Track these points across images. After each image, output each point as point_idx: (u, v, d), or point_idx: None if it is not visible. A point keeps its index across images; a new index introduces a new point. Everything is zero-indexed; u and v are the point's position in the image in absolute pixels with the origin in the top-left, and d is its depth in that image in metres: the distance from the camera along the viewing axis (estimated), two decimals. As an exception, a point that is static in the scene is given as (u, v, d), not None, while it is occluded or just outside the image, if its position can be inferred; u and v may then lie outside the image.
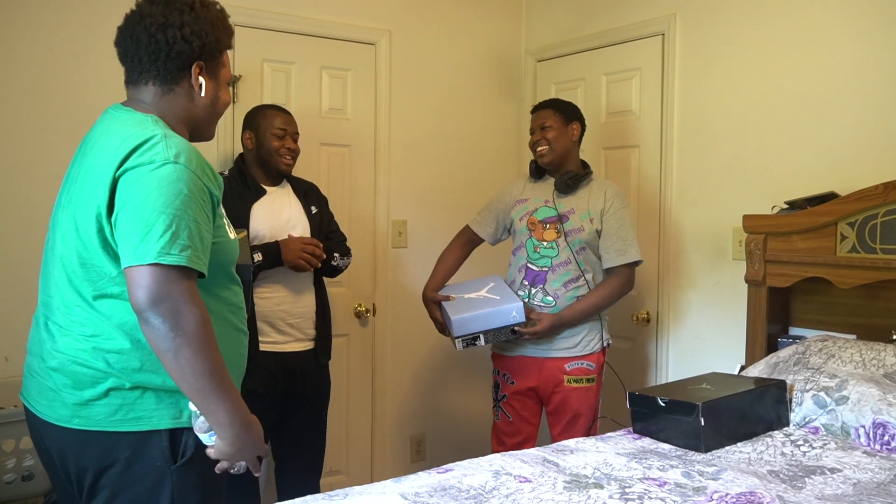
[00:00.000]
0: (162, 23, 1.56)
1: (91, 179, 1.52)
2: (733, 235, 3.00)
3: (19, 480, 2.39)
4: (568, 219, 2.81)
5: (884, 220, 2.36)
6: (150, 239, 1.42)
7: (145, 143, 1.49)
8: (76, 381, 1.54)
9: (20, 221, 2.74)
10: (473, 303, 2.80)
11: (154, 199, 1.44)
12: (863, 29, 2.63)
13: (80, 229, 1.52)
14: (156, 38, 1.56)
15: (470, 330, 2.73)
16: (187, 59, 1.60)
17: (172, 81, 1.61)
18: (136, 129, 1.52)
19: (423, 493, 1.66)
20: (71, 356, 1.55)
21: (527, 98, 3.94)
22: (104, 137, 1.56)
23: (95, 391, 1.54)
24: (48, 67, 2.79)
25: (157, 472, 1.58)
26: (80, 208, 1.53)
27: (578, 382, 2.80)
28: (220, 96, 1.70)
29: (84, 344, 1.54)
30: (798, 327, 2.77)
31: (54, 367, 1.57)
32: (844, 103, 2.68)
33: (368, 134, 3.52)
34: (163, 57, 1.58)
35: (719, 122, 3.07)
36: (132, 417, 1.55)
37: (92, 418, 1.55)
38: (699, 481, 1.75)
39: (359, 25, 3.46)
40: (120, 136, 1.51)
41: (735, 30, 3.01)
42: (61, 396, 1.56)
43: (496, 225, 3.01)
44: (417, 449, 3.75)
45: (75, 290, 1.55)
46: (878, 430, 2.00)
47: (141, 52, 1.58)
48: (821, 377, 2.20)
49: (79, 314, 1.55)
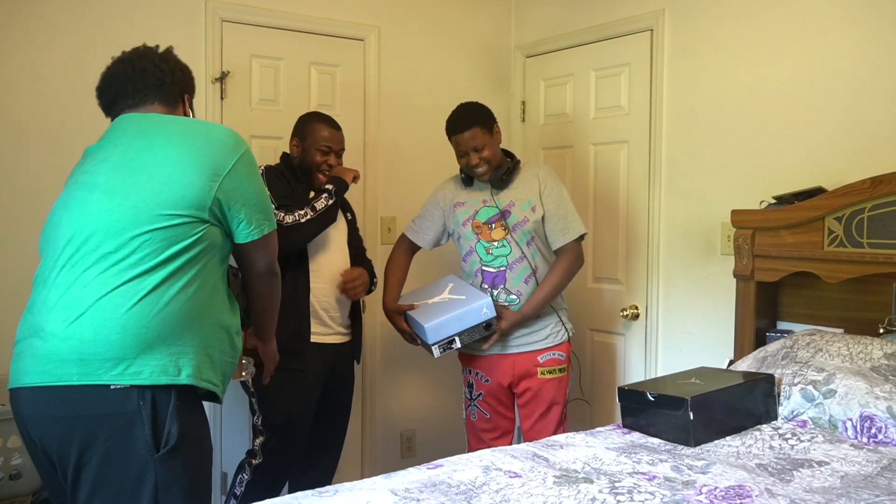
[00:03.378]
0: (163, 58, 1.92)
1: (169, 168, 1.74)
2: (722, 230, 3.01)
3: (7, 479, 2.38)
4: (510, 213, 2.79)
5: (871, 215, 2.37)
6: (267, 213, 1.91)
7: (231, 140, 1.83)
8: (106, 343, 1.62)
9: (20, 220, 2.73)
10: (440, 307, 2.76)
11: (258, 184, 1.90)
12: (850, 24, 2.64)
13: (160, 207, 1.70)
14: (161, 67, 1.88)
15: (445, 335, 2.69)
16: (181, 90, 1.93)
17: (173, 105, 1.90)
18: (210, 123, 1.93)
19: (413, 488, 1.66)
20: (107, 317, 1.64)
21: (516, 93, 3.94)
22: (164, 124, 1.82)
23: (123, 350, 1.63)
24: (48, 68, 2.77)
25: (140, 461, 1.60)
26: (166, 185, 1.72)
27: (552, 373, 2.82)
28: None
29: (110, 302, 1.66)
30: (786, 321, 2.78)
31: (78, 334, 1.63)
32: (832, 98, 2.69)
33: (357, 130, 3.51)
34: (168, 81, 1.88)
35: (708, 117, 3.08)
36: (132, 372, 1.63)
37: (124, 376, 1.62)
38: (688, 475, 1.76)
39: (347, 21, 3.45)
40: (205, 128, 1.86)
41: (723, 25, 3.02)
42: (76, 354, 1.61)
43: (435, 231, 2.96)
44: (408, 445, 3.75)
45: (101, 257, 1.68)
46: (865, 423, 2.01)
47: (147, 80, 1.86)
48: (808, 371, 2.21)
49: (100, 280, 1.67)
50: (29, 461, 2.40)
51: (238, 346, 1.89)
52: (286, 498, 1.62)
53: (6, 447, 2.37)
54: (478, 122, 2.79)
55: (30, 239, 2.81)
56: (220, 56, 3.11)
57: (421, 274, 3.51)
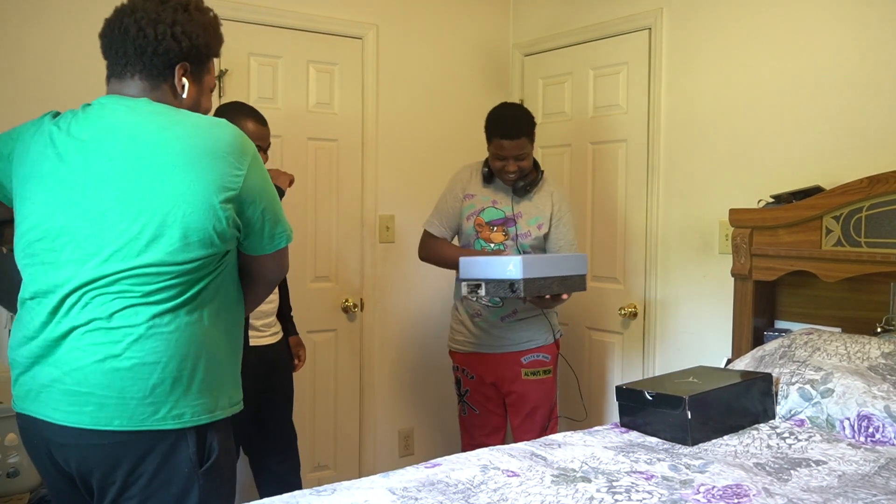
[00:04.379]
0: (154, 18, 1.54)
1: (169, 186, 1.47)
2: (720, 229, 3.01)
3: (4, 477, 2.37)
4: (516, 223, 2.79)
5: (868, 214, 2.38)
6: (284, 220, 1.66)
7: (239, 142, 1.55)
8: (118, 381, 1.48)
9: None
10: (482, 253, 2.76)
11: (270, 189, 1.63)
12: (848, 24, 2.65)
13: (163, 231, 1.48)
14: (145, 31, 1.53)
15: (472, 275, 2.60)
16: (174, 58, 1.56)
17: (159, 77, 1.57)
18: (206, 123, 1.54)
19: (412, 487, 1.66)
20: (107, 353, 1.49)
21: (514, 92, 3.94)
22: (159, 137, 1.49)
23: (143, 388, 1.49)
24: (48, 66, 2.77)
25: (184, 477, 1.54)
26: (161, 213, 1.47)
27: (536, 375, 2.83)
28: (202, 102, 1.66)
29: (116, 337, 1.49)
30: (784, 321, 2.79)
31: (81, 368, 1.49)
32: (830, 98, 2.69)
33: (356, 128, 3.51)
34: (149, 52, 1.54)
35: (706, 116, 3.08)
36: (175, 414, 1.51)
37: (136, 418, 1.49)
38: (686, 474, 1.76)
39: (346, 19, 3.45)
40: (207, 135, 1.51)
41: (721, 24, 3.02)
42: (99, 399, 1.48)
43: (452, 223, 2.92)
44: (405, 444, 3.75)
45: (116, 287, 1.49)
46: (862, 423, 2.02)
47: (127, 45, 1.55)
48: (806, 370, 2.22)
49: (116, 309, 1.49)
50: (27, 459, 2.40)
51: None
52: (284, 496, 1.62)
53: (3, 445, 2.37)
54: (527, 131, 2.75)
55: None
56: (218, 54, 3.11)
57: (423, 275, 3.51)
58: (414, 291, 3.71)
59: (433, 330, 3.76)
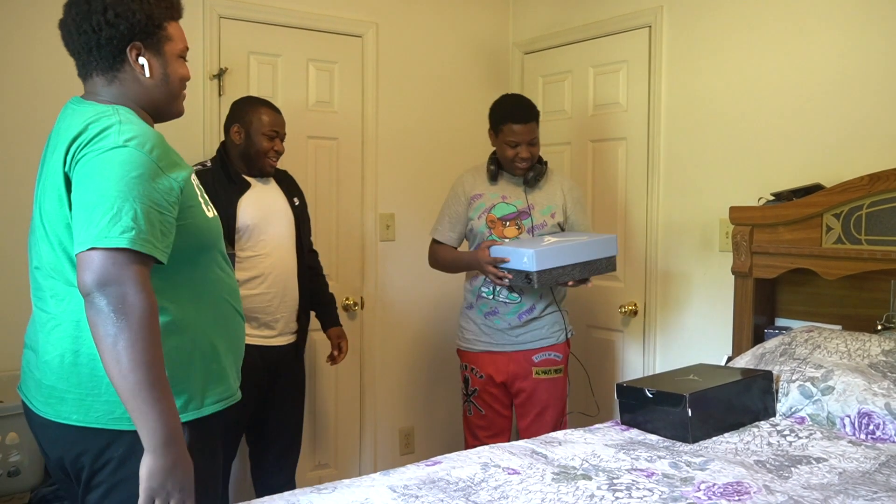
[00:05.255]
0: (86, 11, 1.51)
1: (52, 176, 1.50)
2: (720, 227, 3.01)
3: (5, 476, 2.38)
4: (528, 215, 2.79)
5: (869, 212, 2.38)
6: (91, 224, 1.36)
7: (99, 133, 1.44)
8: (75, 374, 1.49)
9: (20, 219, 2.73)
10: (525, 240, 2.73)
11: (97, 184, 1.39)
12: (848, 22, 2.64)
13: (55, 237, 1.51)
14: (83, 27, 1.51)
15: (501, 265, 2.64)
16: (119, 43, 1.53)
17: (113, 68, 1.55)
18: (86, 122, 1.47)
19: (412, 485, 1.66)
20: (68, 347, 1.50)
21: (514, 90, 3.93)
22: (64, 133, 1.50)
23: (97, 384, 1.48)
24: (39, 63, 2.76)
25: None
26: (47, 204, 1.51)
27: (547, 374, 2.81)
28: (171, 73, 1.60)
29: (82, 331, 1.47)
30: (784, 318, 2.79)
31: (48, 362, 1.52)
32: (830, 95, 2.69)
33: (356, 127, 3.50)
34: (94, 46, 1.52)
35: (706, 114, 3.08)
36: (127, 416, 1.44)
37: (90, 415, 1.49)
38: (687, 472, 1.76)
39: (345, 18, 3.44)
40: (68, 134, 1.47)
41: (721, 22, 3.01)
42: (57, 392, 1.51)
43: (461, 227, 2.89)
44: (406, 442, 3.75)
45: (65, 282, 1.51)
46: (863, 420, 2.02)
47: (77, 45, 1.54)
48: (807, 368, 2.22)
49: (73, 302, 1.49)
50: (27, 458, 2.40)
51: (242, 319, 1.75)
52: (285, 494, 1.62)
53: (4, 444, 2.37)
54: (535, 116, 2.80)
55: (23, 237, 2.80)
56: (217, 53, 3.11)
57: (423, 273, 3.51)
58: (414, 290, 3.71)
59: (434, 328, 3.77)
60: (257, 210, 2.69)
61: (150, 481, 1.37)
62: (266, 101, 2.79)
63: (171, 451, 1.37)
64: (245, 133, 2.69)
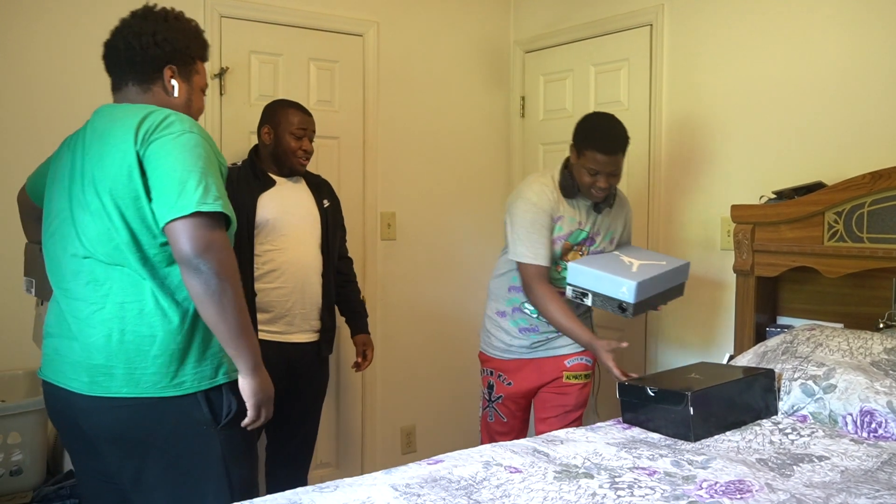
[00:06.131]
0: (137, 31, 1.76)
1: (112, 165, 1.65)
2: (721, 225, 3.01)
3: (7, 475, 2.38)
4: (594, 241, 2.70)
5: (870, 210, 2.37)
6: (186, 193, 1.57)
7: (163, 120, 1.65)
8: (123, 351, 1.65)
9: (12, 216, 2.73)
10: (601, 259, 2.61)
11: (182, 161, 1.60)
12: (849, 20, 2.64)
13: (116, 210, 1.64)
14: (131, 43, 1.75)
15: (581, 283, 2.53)
16: (159, 62, 1.77)
17: (149, 81, 1.77)
18: (147, 111, 1.67)
19: (414, 484, 1.66)
20: (114, 327, 1.66)
21: (515, 89, 3.93)
22: (111, 128, 1.69)
23: (144, 357, 1.65)
24: (45, 68, 2.77)
25: (203, 436, 1.70)
26: (110, 192, 1.64)
27: (577, 379, 2.76)
28: (194, 100, 1.85)
29: (126, 312, 1.66)
30: (786, 316, 2.78)
31: (93, 343, 1.66)
32: (832, 93, 2.69)
33: (357, 126, 3.50)
34: (138, 60, 1.76)
35: (707, 112, 3.08)
36: (176, 383, 1.67)
37: (140, 385, 1.65)
38: (689, 470, 1.76)
39: (346, 17, 3.44)
40: (132, 120, 1.65)
41: (723, 20, 3.01)
42: (105, 369, 1.65)
43: (551, 243, 2.63)
44: (408, 441, 3.75)
45: (110, 265, 1.67)
46: (865, 418, 2.01)
47: (120, 58, 1.77)
48: (808, 366, 2.21)
49: (115, 286, 1.67)
50: (29, 457, 2.40)
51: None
52: (287, 493, 1.62)
53: (6, 443, 2.37)
54: (624, 147, 2.54)
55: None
56: (218, 52, 3.11)
57: (425, 272, 3.51)
58: (415, 289, 3.71)
59: (435, 327, 3.77)
60: (278, 205, 2.72)
61: (255, 396, 1.69)
62: (295, 103, 2.84)
63: (261, 372, 1.71)
64: (274, 133, 2.76)
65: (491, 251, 3.93)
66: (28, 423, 2.39)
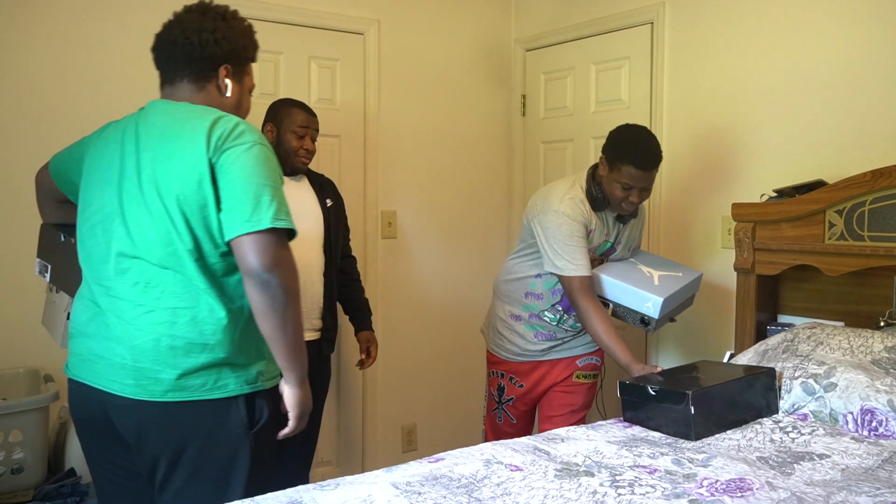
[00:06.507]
0: (197, 27, 1.74)
1: (181, 170, 1.63)
2: (722, 224, 3.01)
3: (9, 473, 2.38)
4: (615, 250, 2.70)
5: (871, 208, 2.37)
6: (260, 208, 1.59)
7: (234, 129, 1.65)
8: (172, 356, 1.64)
9: (20, 219, 2.73)
10: (620, 268, 2.61)
11: (256, 174, 1.62)
12: (851, 18, 2.64)
13: (181, 216, 1.63)
14: (191, 39, 1.73)
15: (602, 293, 2.55)
16: (217, 61, 1.76)
17: (204, 79, 1.76)
18: (214, 116, 1.67)
19: (415, 482, 1.66)
20: (164, 332, 1.64)
21: (516, 87, 3.93)
22: (177, 129, 1.67)
23: (193, 363, 1.65)
24: (37, 59, 2.77)
25: (236, 439, 1.71)
26: (177, 198, 1.63)
27: (587, 378, 2.76)
28: (244, 100, 1.85)
29: (178, 318, 1.65)
30: (787, 315, 2.78)
31: (139, 346, 1.65)
32: (833, 91, 2.69)
33: (357, 124, 3.50)
34: (196, 56, 1.73)
35: (708, 110, 3.08)
36: (220, 385, 1.68)
37: (186, 390, 1.66)
38: (689, 468, 1.76)
39: (347, 15, 3.44)
40: (201, 125, 1.65)
41: (724, 18, 3.01)
42: (152, 373, 1.64)
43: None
44: (409, 439, 3.76)
45: (163, 269, 1.65)
46: (865, 417, 2.01)
47: (176, 53, 1.74)
48: (809, 364, 2.21)
49: (167, 291, 1.65)
50: (30, 455, 2.40)
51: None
52: (288, 491, 1.62)
53: (7, 441, 2.37)
54: (658, 162, 2.51)
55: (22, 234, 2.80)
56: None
57: (425, 270, 3.51)
58: (416, 287, 3.71)
59: (435, 325, 3.77)
60: None
61: (299, 407, 1.75)
62: (299, 102, 2.83)
63: (307, 385, 1.76)
64: (276, 132, 2.76)
65: (491, 250, 3.94)
66: (29, 422, 2.39)
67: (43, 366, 2.70)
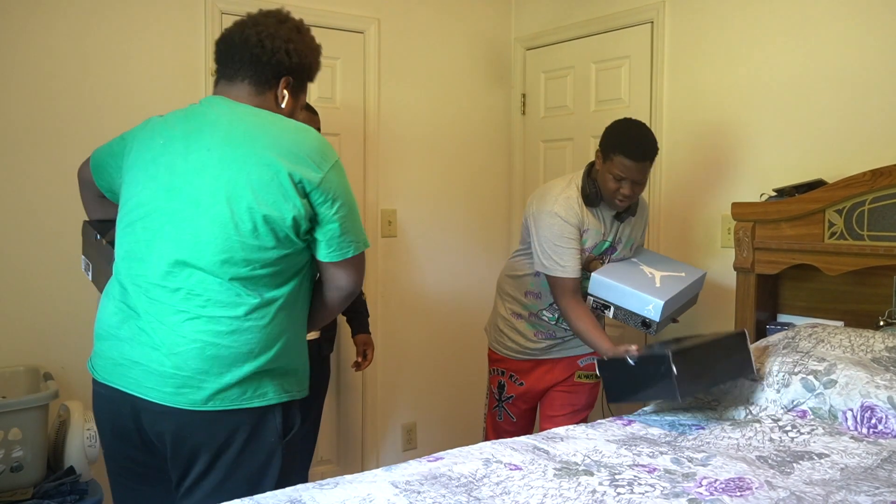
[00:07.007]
0: (272, 33, 1.74)
1: (259, 182, 1.61)
2: (722, 223, 3.01)
3: (8, 471, 2.38)
4: (616, 250, 2.68)
5: (871, 207, 2.37)
6: (356, 232, 1.74)
7: (316, 143, 1.68)
8: (217, 366, 1.63)
9: (20, 219, 2.73)
10: (621, 270, 2.57)
11: (349, 198, 1.72)
12: (851, 17, 2.64)
13: (246, 219, 1.61)
14: (264, 42, 1.73)
15: (604, 295, 2.50)
16: (282, 71, 1.75)
17: (265, 84, 1.75)
18: (290, 127, 1.69)
19: (414, 481, 1.66)
20: (209, 341, 1.62)
21: (516, 86, 3.93)
22: (248, 136, 1.65)
23: (238, 374, 1.65)
24: (42, 58, 2.76)
25: (269, 447, 1.71)
26: (249, 208, 1.61)
27: (588, 378, 2.75)
28: (294, 116, 1.82)
29: (223, 327, 1.63)
30: (786, 314, 2.78)
31: (181, 353, 1.61)
32: (833, 91, 2.69)
33: (358, 123, 3.50)
34: (264, 61, 1.73)
35: (708, 109, 3.08)
36: (259, 393, 1.68)
37: (227, 399, 1.65)
38: (688, 467, 1.76)
39: (347, 13, 3.44)
40: (278, 133, 1.66)
41: (724, 17, 3.01)
42: (195, 382, 1.62)
43: (580, 256, 2.59)
44: (408, 438, 3.76)
45: (211, 276, 1.62)
46: (865, 414, 2.01)
47: (245, 52, 1.73)
48: (809, 361, 2.21)
49: (212, 299, 1.62)
50: (30, 453, 2.40)
51: None
52: (287, 490, 1.62)
53: (7, 440, 2.37)
54: (653, 155, 2.49)
55: (21, 234, 2.81)
56: (219, 49, 3.10)
57: (425, 269, 3.51)
58: (416, 285, 3.71)
59: (435, 324, 3.77)
60: None
61: None
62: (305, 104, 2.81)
63: None
64: None
65: (492, 249, 3.94)
66: (29, 420, 2.39)
67: (43, 364, 2.70)
